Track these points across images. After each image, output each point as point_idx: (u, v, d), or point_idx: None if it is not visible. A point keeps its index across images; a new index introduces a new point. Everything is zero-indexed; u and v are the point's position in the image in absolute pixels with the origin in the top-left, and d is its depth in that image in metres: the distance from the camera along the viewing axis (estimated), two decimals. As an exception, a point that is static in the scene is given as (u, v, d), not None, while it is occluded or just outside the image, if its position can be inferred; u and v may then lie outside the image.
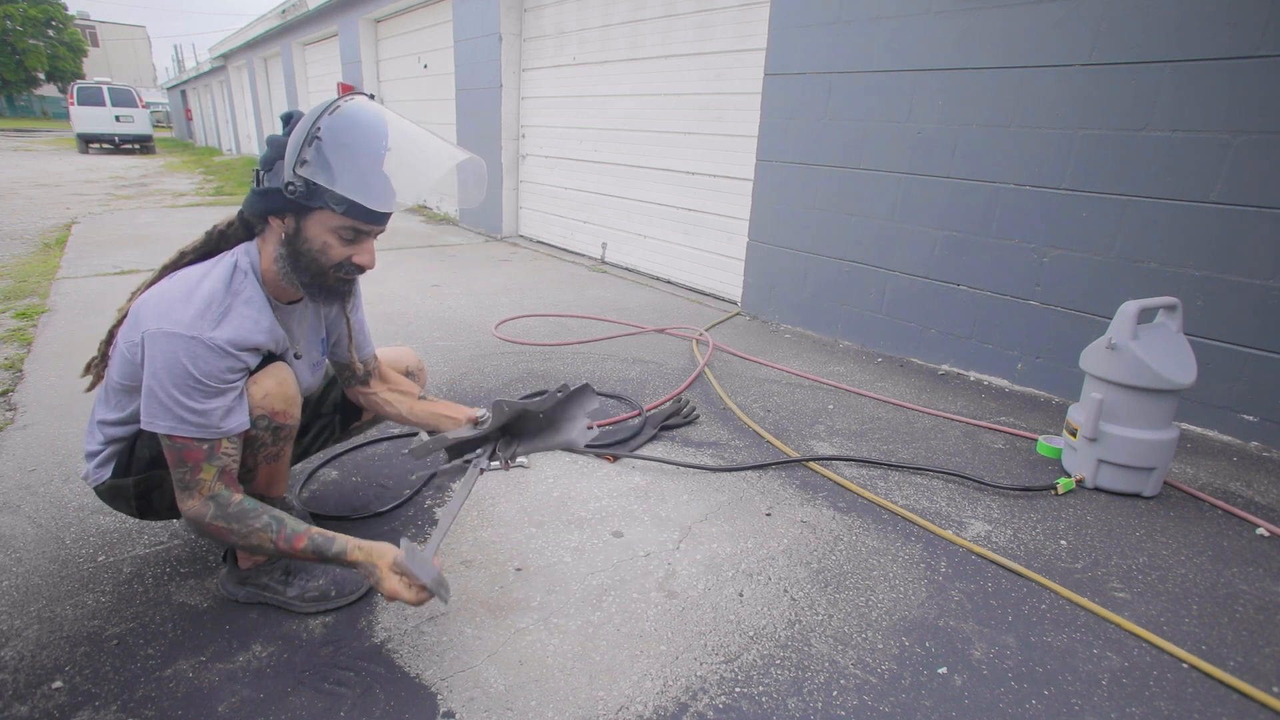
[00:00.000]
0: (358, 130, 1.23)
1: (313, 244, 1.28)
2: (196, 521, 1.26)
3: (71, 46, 38.25)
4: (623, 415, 2.56)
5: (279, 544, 1.28)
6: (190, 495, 1.26)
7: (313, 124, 1.20)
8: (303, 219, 1.27)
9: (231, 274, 1.30)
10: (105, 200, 8.64)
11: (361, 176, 1.22)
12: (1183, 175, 2.47)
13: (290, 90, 13.00)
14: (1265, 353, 2.40)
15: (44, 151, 18.18)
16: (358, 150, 1.22)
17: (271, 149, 1.25)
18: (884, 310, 3.50)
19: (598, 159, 5.61)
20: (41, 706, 1.23)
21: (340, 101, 1.24)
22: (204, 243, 1.38)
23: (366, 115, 1.25)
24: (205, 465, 1.25)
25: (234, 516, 1.26)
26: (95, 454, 1.41)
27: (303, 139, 1.20)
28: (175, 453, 1.24)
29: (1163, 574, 1.73)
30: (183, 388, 1.20)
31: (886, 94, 3.26)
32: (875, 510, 2.00)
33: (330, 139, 1.20)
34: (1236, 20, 2.29)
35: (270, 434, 1.35)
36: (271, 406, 1.33)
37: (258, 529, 1.27)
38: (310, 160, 1.19)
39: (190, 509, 1.26)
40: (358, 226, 1.28)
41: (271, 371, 1.34)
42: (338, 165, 1.20)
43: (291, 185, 1.21)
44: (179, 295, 1.24)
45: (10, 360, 2.94)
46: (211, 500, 1.26)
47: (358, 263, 1.33)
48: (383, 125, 1.26)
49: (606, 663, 1.37)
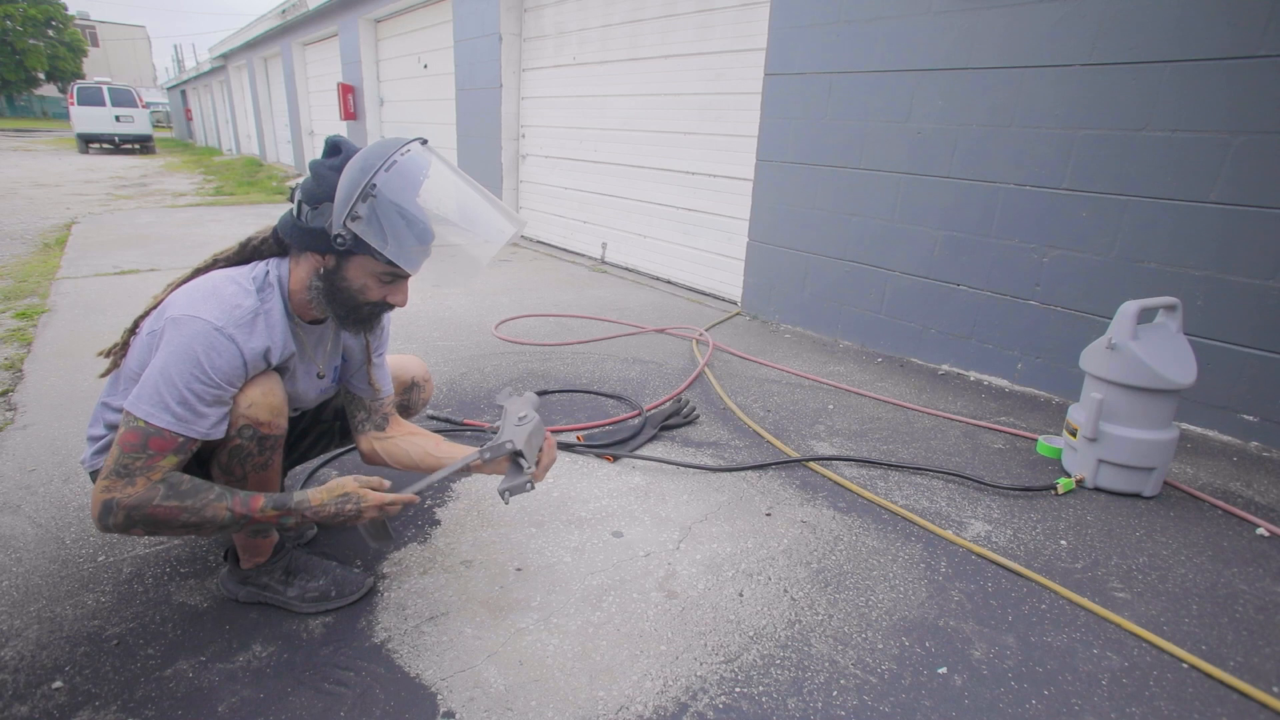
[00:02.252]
0: (414, 192, 1.22)
1: (351, 284, 1.31)
2: (135, 508, 1.17)
3: (71, 46, 38.25)
4: (623, 415, 2.56)
5: (235, 509, 1.23)
6: (131, 482, 1.18)
7: (369, 180, 1.19)
8: (344, 260, 1.29)
9: (262, 284, 1.32)
10: (105, 200, 8.64)
11: (410, 243, 1.23)
12: (1183, 175, 2.47)
13: (290, 90, 13.00)
14: (1265, 353, 2.40)
15: (44, 151, 18.18)
16: (413, 218, 1.22)
17: (318, 184, 1.24)
18: (884, 310, 3.50)
19: (598, 159, 5.61)
20: (41, 706, 1.23)
21: (397, 155, 1.22)
22: (238, 252, 1.39)
23: (421, 176, 1.24)
24: (170, 456, 1.20)
25: (187, 493, 1.21)
26: (97, 439, 1.40)
27: (356, 193, 1.19)
28: (139, 436, 1.18)
29: (1163, 574, 1.74)
30: (184, 375, 1.18)
31: (886, 94, 3.26)
32: (875, 510, 2.00)
33: (385, 199, 1.20)
34: (1236, 20, 2.29)
35: (255, 444, 1.32)
36: (256, 416, 1.29)
37: (212, 500, 1.22)
38: (362, 216, 1.20)
39: (131, 495, 1.17)
40: (398, 273, 1.30)
41: (257, 381, 1.31)
42: (390, 229, 1.21)
43: (341, 238, 1.23)
44: (210, 291, 1.26)
45: (10, 360, 2.94)
46: (162, 483, 1.19)
47: (392, 303, 1.37)
48: (438, 189, 1.26)
49: (606, 663, 1.37)
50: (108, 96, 18.89)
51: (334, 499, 1.30)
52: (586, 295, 4.57)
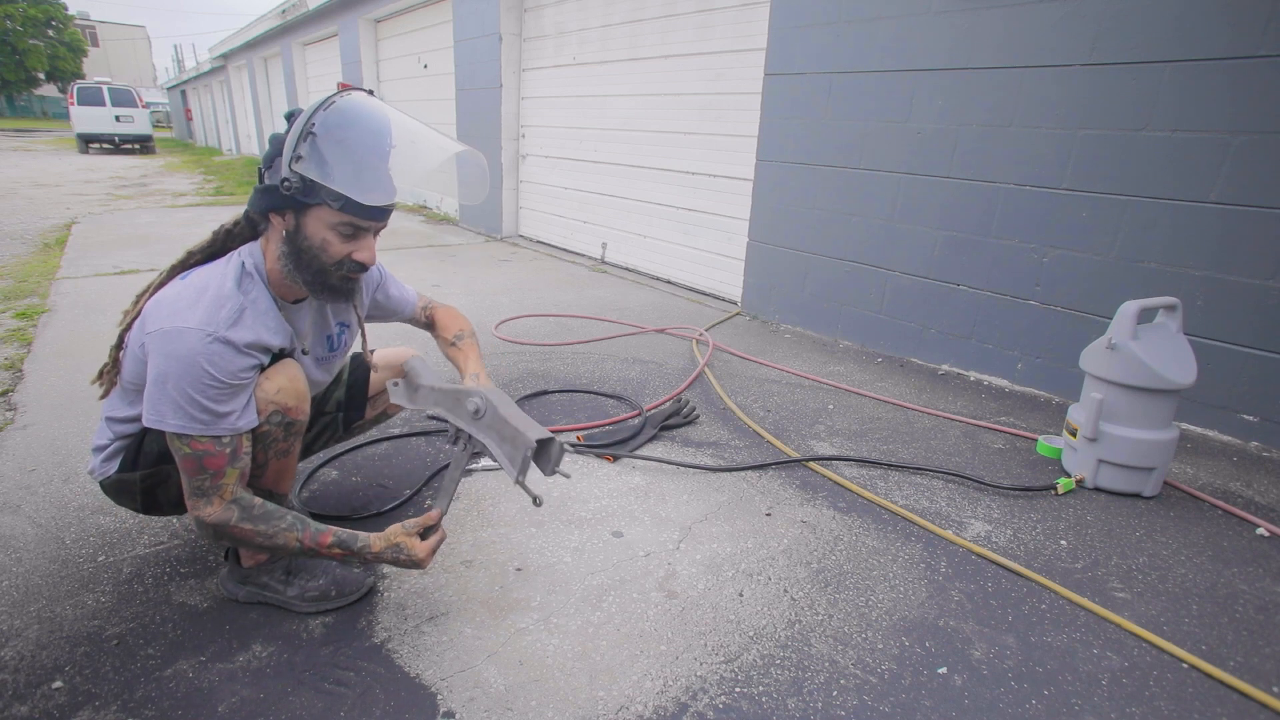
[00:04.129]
0: (352, 125, 1.23)
1: (312, 241, 1.28)
2: (219, 526, 1.27)
3: (71, 46, 38.27)
4: (623, 415, 2.56)
5: (305, 542, 1.30)
6: (209, 501, 1.26)
7: (308, 119, 1.20)
8: (302, 216, 1.27)
9: (240, 275, 1.30)
10: (105, 200, 8.64)
11: (355, 171, 1.22)
12: (1183, 175, 2.47)
13: (290, 90, 13.00)
14: (1265, 353, 2.40)
15: (44, 151, 18.18)
16: (352, 144, 1.22)
17: (272, 146, 1.25)
18: (884, 310, 3.50)
19: (598, 159, 5.61)
20: (41, 706, 1.23)
21: (336, 97, 1.24)
22: (211, 242, 1.38)
23: (361, 110, 1.25)
24: (228, 469, 1.26)
25: (260, 519, 1.28)
26: (102, 448, 1.42)
27: (298, 135, 1.20)
28: (194, 460, 1.24)
29: (1163, 574, 1.73)
30: (198, 386, 1.20)
31: (886, 94, 3.26)
32: (875, 510, 1.99)
33: (324, 134, 1.20)
34: (1236, 20, 2.29)
35: (282, 429, 1.35)
36: (284, 402, 1.33)
37: (284, 529, 1.29)
38: (305, 155, 1.19)
39: (210, 515, 1.26)
40: (356, 222, 1.27)
41: (282, 367, 1.34)
42: (332, 160, 1.20)
43: (287, 181, 1.21)
44: (190, 296, 1.24)
45: (10, 360, 2.94)
46: (234, 504, 1.27)
47: (358, 259, 1.32)
48: (377, 119, 1.26)
49: (606, 663, 1.37)
50: (108, 96, 18.88)
51: (389, 548, 1.35)
52: (586, 295, 4.57)
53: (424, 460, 2.19)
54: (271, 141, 1.25)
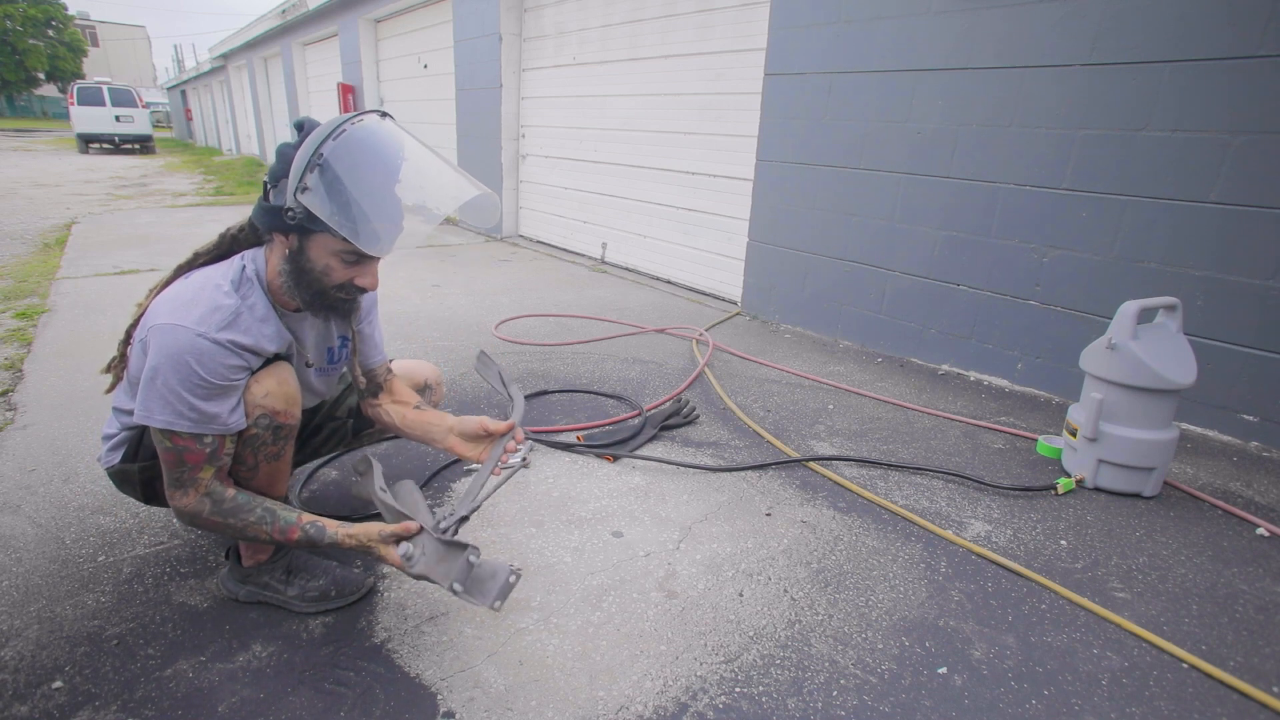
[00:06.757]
0: (361, 165, 1.18)
1: (315, 265, 1.27)
2: (192, 516, 1.30)
3: (71, 46, 38.25)
4: (623, 415, 2.56)
5: (274, 535, 1.32)
6: (185, 493, 1.28)
7: (317, 147, 1.16)
8: (305, 240, 1.26)
9: (240, 279, 1.30)
10: (105, 200, 8.64)
11: (360, 218, 1.17)
12: (1183, 175, 2.47)
13: (290, 90, 13.00)
14: (1265, 353, 2.40)
15: (44, 151, 18.18)
16: (360, 184, 1.16)
17: (279, 161, 1.22)
18: (884, 310, 3.50)
19: (598, 159, 5.61)
20: (41, 706, 1.23)
21: (348, 124, 1.18)
22: (217, 245, 1.39)
23: (372, 143, 1.20)
24: (206, 466, 1.27)
25: (229, 511, 1.30)
26: (110, 437, 1.45)
27: (305, 163, 1.16)
28: (174, 454, 1.25)
29: (1163, 574, 1.73)
30: (187, 384, 1.20)
31: (886, 94, 3.26)
32: (875, 510, 2.00)
33: (331, 168, 1.15)
34: (1236, 20, 2.29)
35: (270, 433, 1.35)
36: (272, 405, 1.33)
37: (253, 522, 1.31)
38: (310, 188, 1.16)
39: (185, 505, 1.29)
40: (360, 253, 1.26)
41: (272, 370, 1.34)
42: (336, 202, 1.15)
43: (291, 212, 1.19)
44: (188, 296, 1.25)
45: (10, 360, 2.94)
46: (206, 497, 1.29)
47: (360, 285, 1.32)
48: (388, 157, 1.20)
49: (606, 663, 1.37)
50: (108, 96, 18.89)
51: (359, 549, 1.31)
52: (586, 295, 4.57)
53: (424, 460, 2.19)
54: (279, 155, 1.22)
